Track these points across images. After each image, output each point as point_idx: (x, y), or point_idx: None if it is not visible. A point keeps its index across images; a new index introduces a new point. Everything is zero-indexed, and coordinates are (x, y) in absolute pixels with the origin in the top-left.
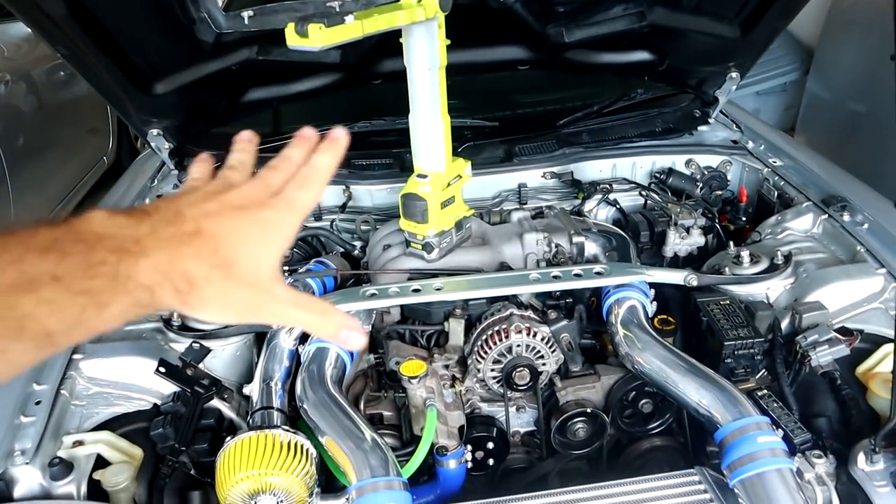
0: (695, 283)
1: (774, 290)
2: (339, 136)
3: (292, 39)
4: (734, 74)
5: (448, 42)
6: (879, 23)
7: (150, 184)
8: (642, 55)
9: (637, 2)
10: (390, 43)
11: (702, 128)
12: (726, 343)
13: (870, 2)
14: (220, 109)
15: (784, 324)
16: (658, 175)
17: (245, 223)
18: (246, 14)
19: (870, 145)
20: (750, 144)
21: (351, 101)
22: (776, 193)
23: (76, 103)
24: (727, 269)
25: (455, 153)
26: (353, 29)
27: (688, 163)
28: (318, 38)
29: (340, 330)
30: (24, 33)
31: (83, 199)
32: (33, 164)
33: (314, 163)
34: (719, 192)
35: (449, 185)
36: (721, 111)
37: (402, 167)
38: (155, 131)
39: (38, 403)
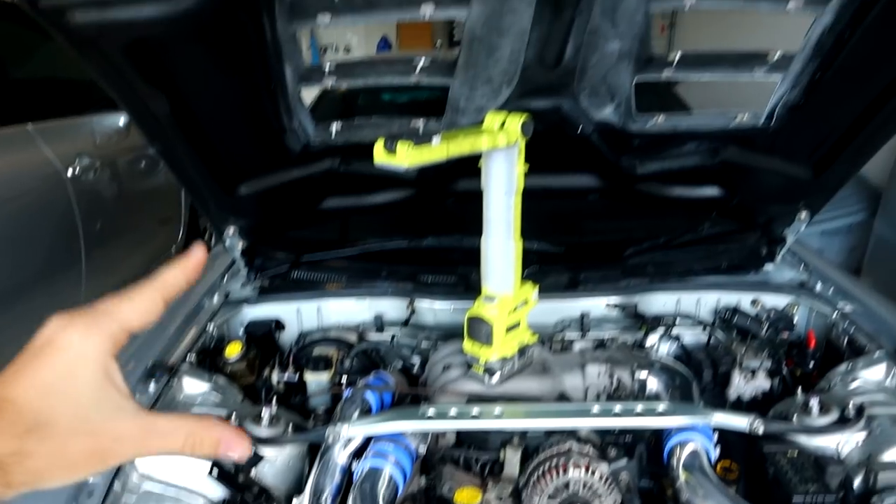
0: (761, 431)
1: (846, 444)
2: (198, 257)
3: (380, 156)
4: (804, 215)
5: (526, 167)
6: None
7: (221, 281)
8: (712, 190)
9: (710, 139)
10: (465, 163)
11: (768, 266)
12: (795, 497)
13: None
14: (296, 214)
15: (856, 482)
16: (722, 313)
17: (44, 368)
18: (334, 127)
19: None
20: (818, 286)
21: (421, 217)
22: (846, 340)
23: (154, 192)
24: (795, 417)
25: (521, 275)
26: (439, 150)
27: (753, 302)
28: (406, 157)
29: (218, 447)
30: (116, 125)
31: None
32: (108, 249)
33: (155, 274)
34: (785, 335)
35: (515, 309)
36: (789, 250)
37: (466, 286)
38: (231, 229)
39: (90, 495)
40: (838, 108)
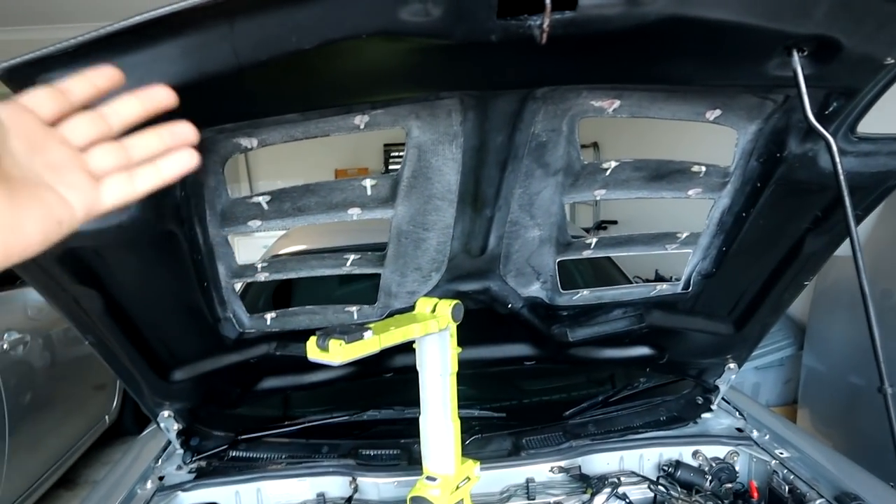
0: None
1: None
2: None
3: (313, 353)
4: (732, 365)
5: (460, 350)
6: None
7: (154, 464)
8: (643, 350)
9: (635, 306)
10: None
11: (705, 415)
12: None
13: (850, 278)
14: (233, 396)
15: None
16: (666, 468)
17: None
18: (269, 316)
19: (873, 418)
20: (755, 434)
21: (360, 390)
22: (787, 488)
23: (87, 360)
24: None
25: (463, 445)
26: (371, 344)
27: (695, 454)
28: (339, 354)
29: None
30: None
31: (80, 457)
32: (36, 422)
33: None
34: (729, 485)
35: (458, 487)
36: (723, 398)
37: (409, 459)
38: (166, 413)
39: None
40: (748, 273)
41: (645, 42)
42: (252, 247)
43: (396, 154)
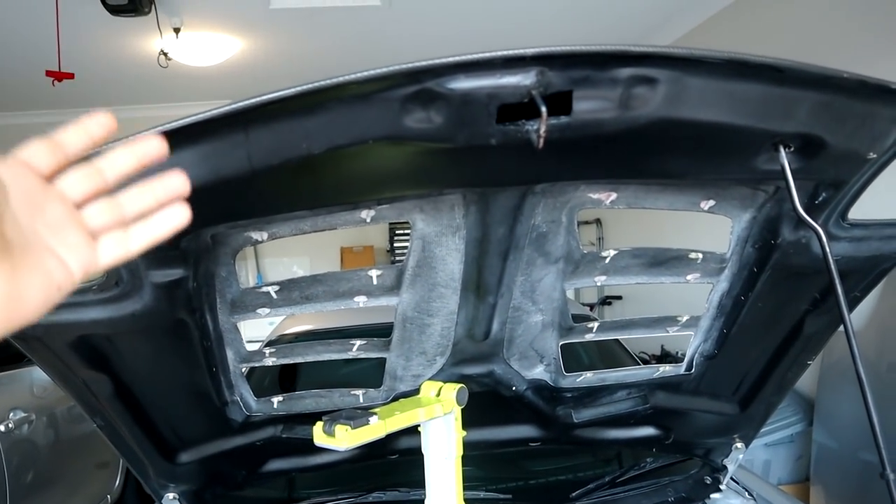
0: None
1: None
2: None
3: (320, 438)
4: (739, 445)
5: (464, 433)
6: (873, 376)
7: None
8: (648, 430)
9: (639, 387)
10: None
11: (714, 496)
12: None
13: (861, 355)
14: (239, 477)
15: None
16: None
17: None
18: (276, 399)
19: (887, 497)
20: None
21: (365, 470)
22: None
23: (90, 438)
24: None
25: None
26: (377, 429)
27: None
28: (345, 440)
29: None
30: None
31: None
32: (38, 500)
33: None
34: None
35: None
36: (732, 478)
37: None
38: (171, 495)
39: None
40: (750, 354)
41: (637, 142)
42: (258, 325)
43: (401, 232)
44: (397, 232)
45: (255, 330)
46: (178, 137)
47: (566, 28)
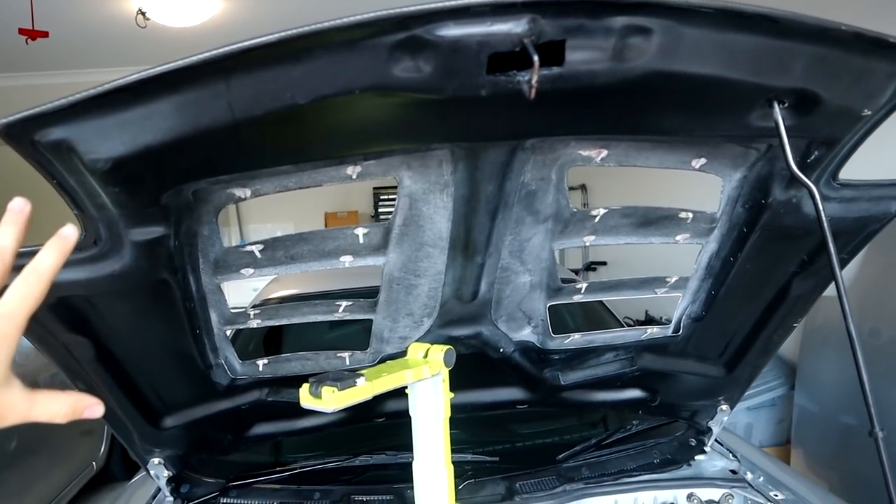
0: None
1: None
2: (68, 234)
3: (306, 400)
4: (724, 407)
5: (452, 395)
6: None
7: None
8: (635, 392)
9: (626, 349)
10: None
11: (699, 457)
12: None
13: (838, 318)
14: (224, 442)
15: None
16: None
17: None
18: (261, 362)
19: (867, 458)
20: (749, 475)
21: (352, 434)
22: None
23: None
24: None
25: (456, 490)
26: (365, 390)
27: (689, 497)
28: (331, 401)
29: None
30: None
31: None
32: (22, 469)
33: (37, 265)
34: None
35: None
36: (716, 440)
37: None
38: (156, 460)
39: None
40: (737, 316)
41: (630, 95)
42: (242, 289)
43: (386, 197)
44: (381, 196)
45: (239, 296)
46: (156, 86)
47: None
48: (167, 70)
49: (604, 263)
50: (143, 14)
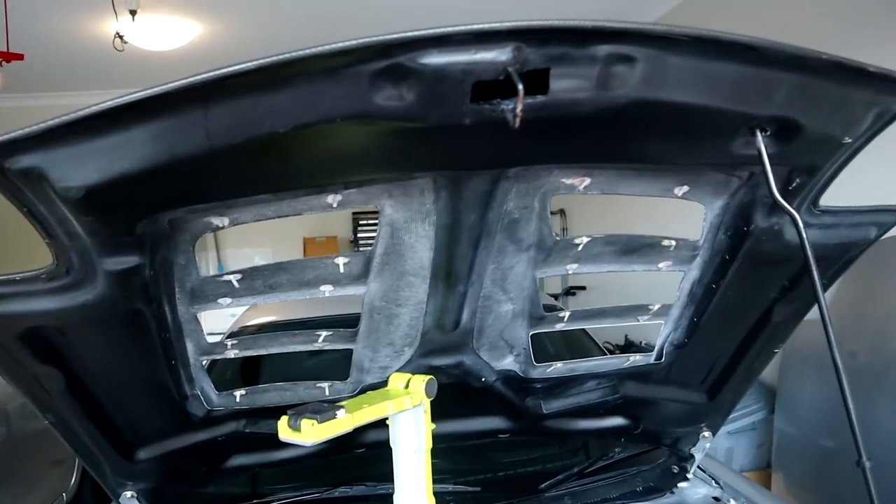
0: None
1: None
2: None
3: (285, 433)
4: (706, 433)
5: (434, 426)
6: (830, 363)
7: None
8: (617, 420)
9: (609, 377)
10: None
11: (682, 485)
12: None
13: (818, 342)
14: (200, 474)
15: None
16: None
17: None
18: (238, 393)
19: (846, 482)
20: (732, 502)
21: (331, 465)
22: None
23: (44, 434)
24: None
25: None
26: (344, 423)
27: None
28: (311, 434)
29: None
30: None
31: None
32: None
33: None
34: None
35: None
36: (699, 466)
37: None
38: (129, 493)
39: None
40: (719, 342)
41: (615, 124)
42: (219, 316)
43: (365, 223)
44: (361, 222)
45: (216, 322)
46: (131, 113)
47: (548, 4)
48: (142, 97)
49: (583, 288)
50: (121, 38)
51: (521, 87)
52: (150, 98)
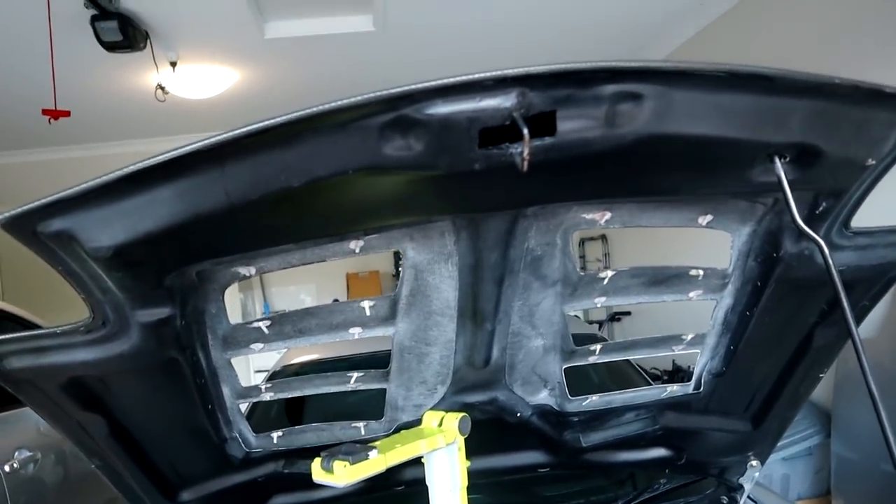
0: None
1: None
2: None
3: (318, 475)
4: (754, 462)
5: (468, 463)
6: (889, 384)
7: None
8: (659, 452)
9: (647, 408)
10: None
11: None
12: None
13: (874, 362)
14: None
15: None
16: None
17: None
18: (275, 434)
19: None
20: None
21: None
22: None
23: (97, 475)
24: None
25: None
26: (377, 463)
27: None
28: (343, 476)
29: None
30: None
31: None
32: None
33: None
34: None
35: None
36: (749, 497)
37: None
38: None
39: None
40: (760, 369)
41: (627, 160)
42: (262, 356)
43: None
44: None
45: (264, 360)
46: (154, 175)
47: (564, 44)
48: (163, 160)
49: (628, 314)
50: (163, 89)
51: (525, 131)
52: (170, 161)
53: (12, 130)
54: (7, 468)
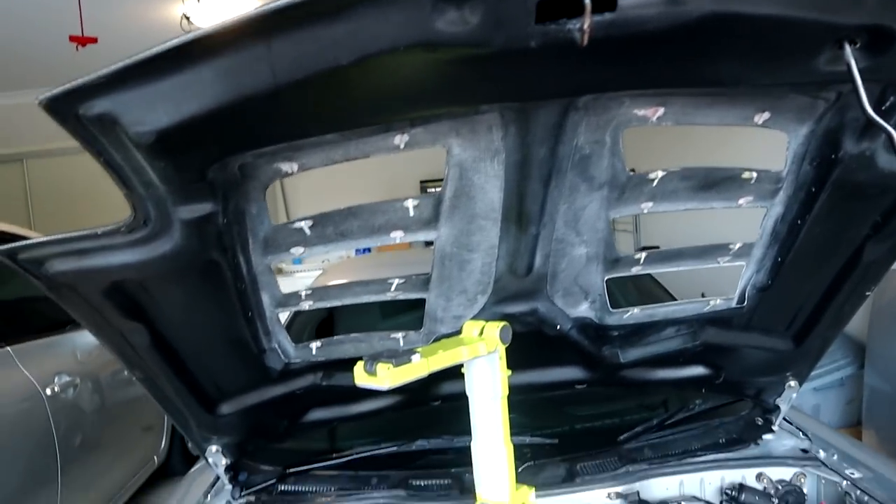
0: None
1: None
2: None
3: (361, 378)
4: (793, 383)
5: (510, 373)
6: None
7: (203, 500)
8: (698, 370)
9: (688, 323)
10: (449, 367)
11: (767, 436)
12: None
13: None
14: (280, 428)
15: None
16: (729, 492)
17: None
18: (314, 345)
19: None
20: (822, 454)
21: (408, 419)
22: None
23: (135, 401)
24: None
25: (516, 473)
26: (420, 367)
27: (759, 477)
28: (387, 378)
29: None
30: (97, 342)
31: (130, 498)
32: (87, 463)
33: None
34: None
35: None
36: (785, 418)
37: (461, 489)
38: (214, 448)
39: None
40: (805, 284)
41: (687, 42)
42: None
43: (433, 189)
44: (429, 189)
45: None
46: (196, 51)
47: None
48: (206, 34)
49: (657, 247)
50: (188, 18)
51: (588, 2)
52: (214, 34)
53: (40, 66)
54: (49, 391)
